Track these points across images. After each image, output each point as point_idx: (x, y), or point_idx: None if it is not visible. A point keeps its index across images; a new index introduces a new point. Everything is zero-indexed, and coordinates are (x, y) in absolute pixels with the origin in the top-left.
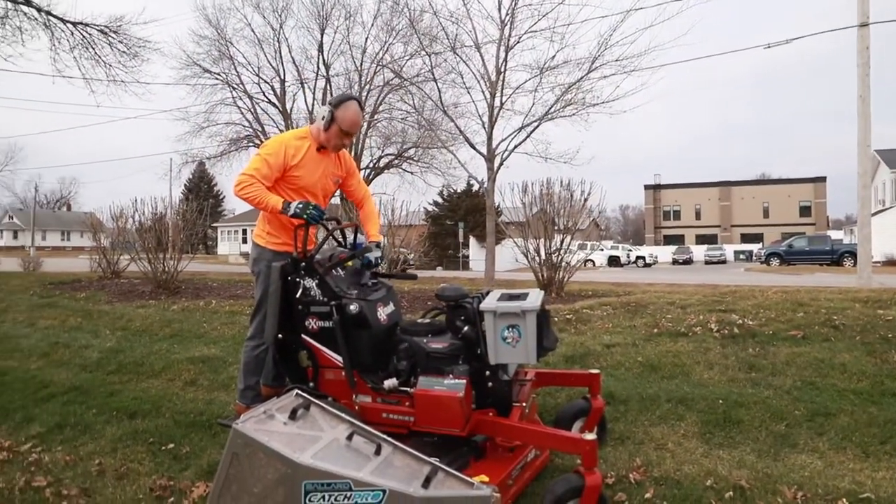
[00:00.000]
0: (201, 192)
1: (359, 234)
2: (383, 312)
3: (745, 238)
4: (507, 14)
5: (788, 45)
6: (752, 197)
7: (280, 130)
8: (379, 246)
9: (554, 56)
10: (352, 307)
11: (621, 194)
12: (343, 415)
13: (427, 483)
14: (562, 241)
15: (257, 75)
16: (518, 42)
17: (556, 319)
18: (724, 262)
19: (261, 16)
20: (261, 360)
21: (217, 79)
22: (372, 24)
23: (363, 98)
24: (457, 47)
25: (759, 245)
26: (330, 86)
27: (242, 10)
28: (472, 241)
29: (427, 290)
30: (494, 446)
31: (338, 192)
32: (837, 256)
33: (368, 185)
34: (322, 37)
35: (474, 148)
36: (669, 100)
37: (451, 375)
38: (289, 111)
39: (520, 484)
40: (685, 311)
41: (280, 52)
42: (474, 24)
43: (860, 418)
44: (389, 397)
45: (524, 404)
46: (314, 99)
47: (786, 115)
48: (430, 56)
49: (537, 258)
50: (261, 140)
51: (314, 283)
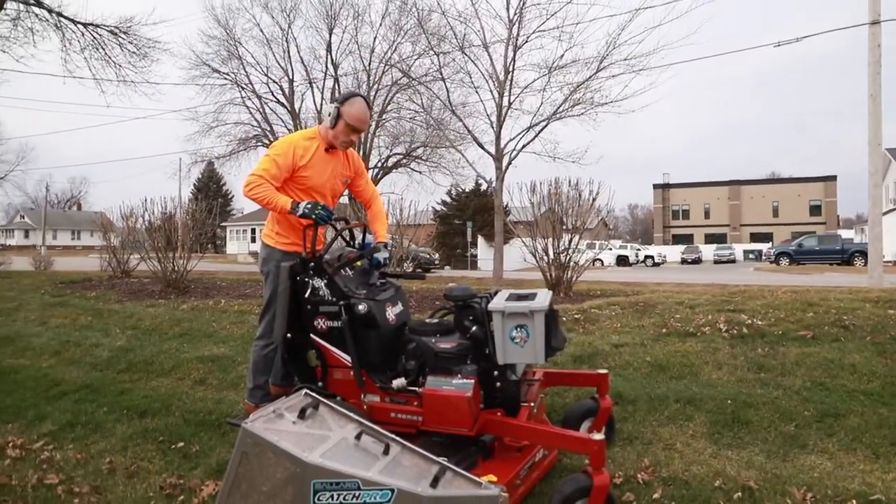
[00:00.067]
0: (210, 191)
1: (367, 234)
2: (392, 312)
3: (755, 237)
4: (516, 13)
5: (798, 44)
6: (761, 196)
7: (289, 130)
8: (387, 247)
9: (562, 55)
10: (360, 307)
11: (630, 194)
12: (352, 414)
13: (435, 483)
14: (570, 241)
15: (266, 75)
16: (526, 41)
17: (564, 319)
18: (733, 261)
19: (269, 16)
20: (270, 359)
21: (226, 79)
22: (380, 24)
23: (371, 97)
24: (465, 47)
25: (769, 244)
26: (338, 85)
27: (251, 10)
28: (480, 240)
29: (435, 289)
30: (503, 446)
31: (346, 192)
32: (848, 256)
33: (377, 184)
34: (330, 36)
35: (482, 147)
36: (678, 99)
37: (459, 375)
38: (297, 111)
39: (528, 484)
40: (694, 311)
41: (289, 52)
42: (482, 24)
43: (870, 419)
44: (398, 397)
45: (532, 404)
46: (323, 98)
47: (796, 114)
48: (438, 55)
49: (546, 258)
50: (269, 140)
51: (323, 283)
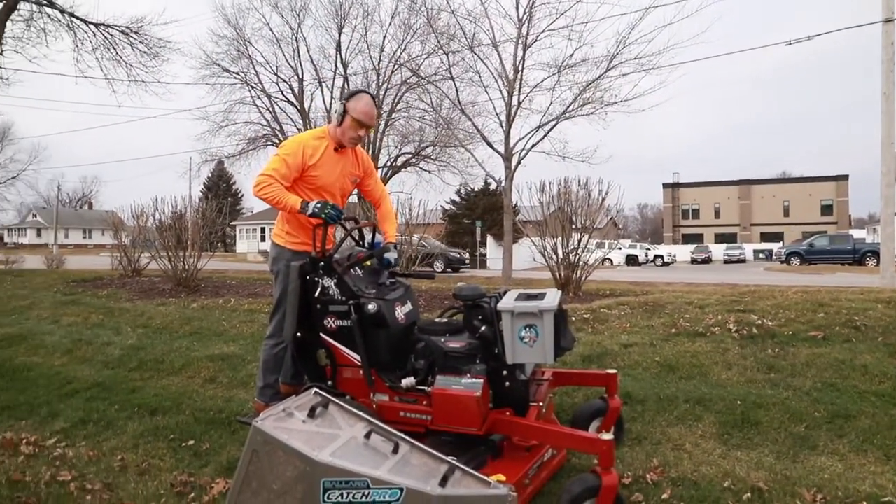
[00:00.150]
0: (220, 190)
1: (377, 234)
2: (401, 312)
3: (765, 237)
4: (525, 12)
5: (810, 42)
6: (772, 195)
7: (298, 129)
8: (396, 247)
9: (572, 54)
10: (370, 306)
11: (640, 193)
12: (361, 413)
13: (444, 482)
14: (579, 240)
15: (276, 74)
16: (536, 40)
17: (573, 319)
18: (743, 261)
19: (279, 15)
20: (280, 358)
21: (236, 78)
22: (390, 23)
23: (381, 97)
24: (474, 46)
25: (780, 244)
26: (347, 84)
27: (261, 9)
28: (489, 239)
29: (444, 289)
30: (511, 446)
31: (355, 191)
32: (860, 256)
33: (386, 183)
34: (340, 36)
35: (492, 147)
36: (689, 98)
37: (468, 375)
38: (307, 110)
39: (536, 483)
40: (703, 311)
41: (298, 52)
42: (492, 23)
43: (882, 421)
44: (407, 396)
45: (541, 404)
46: (332, 98)
47: (808, 113)
48: (447, 55)
49: (555, 257)
50: (279, 139)
51: (332, 283)
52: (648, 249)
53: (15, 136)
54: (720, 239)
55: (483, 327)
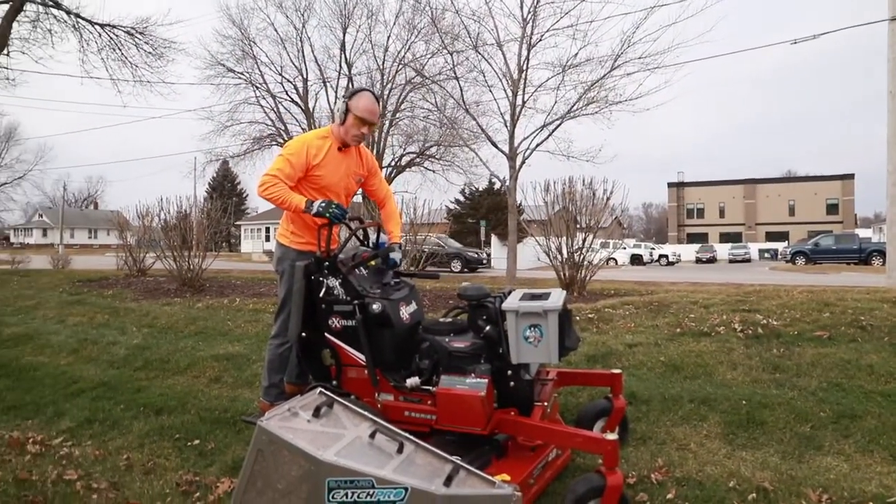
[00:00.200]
0: (225, 190)
1: (381, 234)
2: (406, 311)
3: (770, 236)
4: (530, 12)
5: (814, 42)
6: (777, 194)
7: (303, 129)
8: (400, 247)
9: (576, 54)
10: (375, 306)
11: (644, 192)
12: (366, 413)
13: (449, 481)
14: (584, 240)
15: (280, 74)
16: (540, 40)
17: (578, 319)
18: (748, 260)
19: (284, 15)
20: (285, 357)
21: (240, 78)
22: (394, 23)
23: (385, 96)
24: (479, 45)
25: (785, 243)
26: (352, 84)
27: (266, 9)
28: (493, 239)
29: (449, 289)
30: (516, 445)
31: (359, 191)
32: (865, 255)
33: (390, 183)
34: (344, 36)
35: (496, 146)
36: (693, 97)
37: (472, 374)
38: (311, 110)
39: (541, 483)
40: (708, 311)
41: (303, 51)
42: (496, 23)
43: (888, 421)
44: (412, 396)
45: (546, 404)
46: (336, 97)
47: (813, 111)
48: (451, 54)
49: (559, 257)
50: (284, 139)
51: (337, 283)
52: (653, 249)
53: (21, 137)
54: (725, 238)
55: (488, 327)
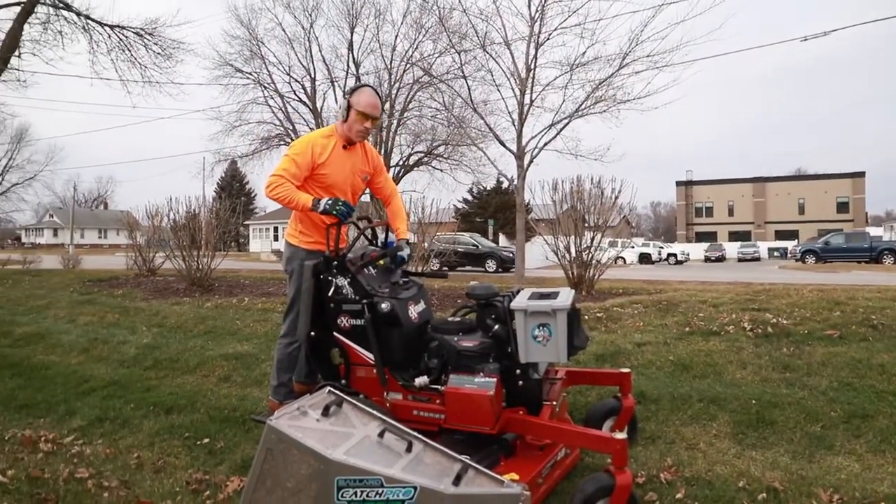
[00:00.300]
0: (233, 190)
1: (390, 233)
2: (414, 311)
3: (780, 235)
4: (537, 11)
5: (825, 38)
6: (787, 193)
7: (311, 129)
8: (408, 243)
9: (584, 52)
10: (383, 305)
11: (653, 191)
12: (375, 412)
13: (458, 480)
14: (592, 239)
15: (288, 74)
16: (548, 39)
17: (586, 318)
18: (757, 259)
19: (291, 15)
20: (294, 357)
21: (249, 78)
22: (401, 23)
23: (393, 96)
24: (486, 44)
25: (795, 242)
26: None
27: (273, 9)
28: (501, 238)
29: (457, 288)
30: (525, 445)
31: (367, 190)
32: (876, 254)
33: (398, 182)
34: (352, 35)
35: (504, 145)
36: (703, 95)
37: (481, 374)
38: (319, 110)
39: (550, 482)
40: (717, 310)
41: (310, 51)
42: (504, 21)
43: None
44: (420, 395)
45: (554, 403)
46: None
47: (825, 109)
48: (459, 53)
49: (567, 256)
50: (292, 138)
51: (346, 282)
52: (662, 248)
53: (32, 138)
54: (734, 237)
55: (496, 326)
